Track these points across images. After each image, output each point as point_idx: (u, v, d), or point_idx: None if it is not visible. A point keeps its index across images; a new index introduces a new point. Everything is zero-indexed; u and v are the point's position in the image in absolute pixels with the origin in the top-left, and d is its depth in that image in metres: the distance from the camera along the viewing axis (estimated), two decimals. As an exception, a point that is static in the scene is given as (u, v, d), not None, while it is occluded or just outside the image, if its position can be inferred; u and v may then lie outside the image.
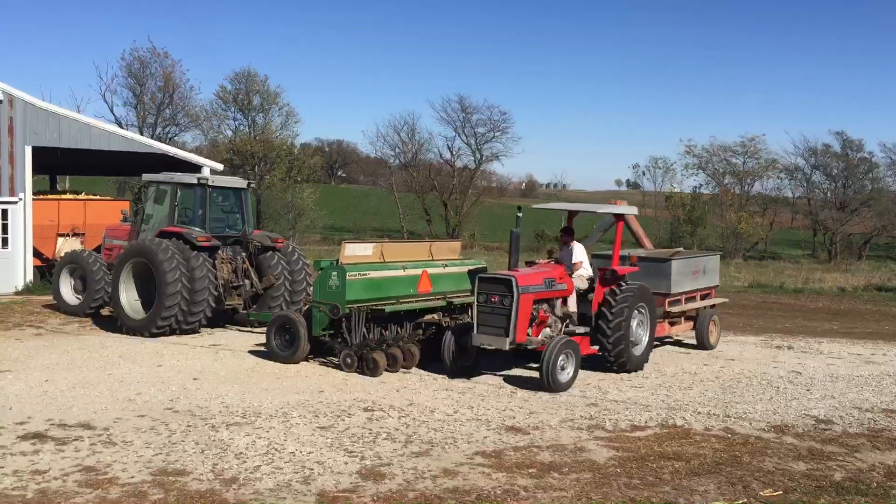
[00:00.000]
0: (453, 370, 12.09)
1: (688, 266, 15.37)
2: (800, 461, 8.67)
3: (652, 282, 14.07)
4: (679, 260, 15.16)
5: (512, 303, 11.38)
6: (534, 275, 11.97)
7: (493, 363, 12.87)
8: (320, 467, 7.96)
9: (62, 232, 22.56)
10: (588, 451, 8.80)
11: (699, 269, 15.77)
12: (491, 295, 11.58)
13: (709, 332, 15.56)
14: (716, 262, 16.89)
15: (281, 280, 16.65)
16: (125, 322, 15.45)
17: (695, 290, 15.65)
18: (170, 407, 10.14)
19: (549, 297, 12.20)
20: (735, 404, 11.21)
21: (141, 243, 15.60)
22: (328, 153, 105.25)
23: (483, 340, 11.62)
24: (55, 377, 11.62)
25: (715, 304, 16.41)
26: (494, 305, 11.52)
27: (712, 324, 15.70)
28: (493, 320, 11.55)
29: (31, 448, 8.32)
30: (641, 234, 19.14)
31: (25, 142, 21.11)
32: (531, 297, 11.64)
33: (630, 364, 12.78)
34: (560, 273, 12.44)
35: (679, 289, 14.93)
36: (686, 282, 15.21)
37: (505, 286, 11.50)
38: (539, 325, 11.98)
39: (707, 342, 15.52)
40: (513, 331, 11.38)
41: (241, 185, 17.24)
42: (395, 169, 67.21)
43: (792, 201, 69.45)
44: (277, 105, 56.20)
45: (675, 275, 14.71)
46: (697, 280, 15.69)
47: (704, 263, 16.11)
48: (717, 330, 15.93)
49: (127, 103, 53.54)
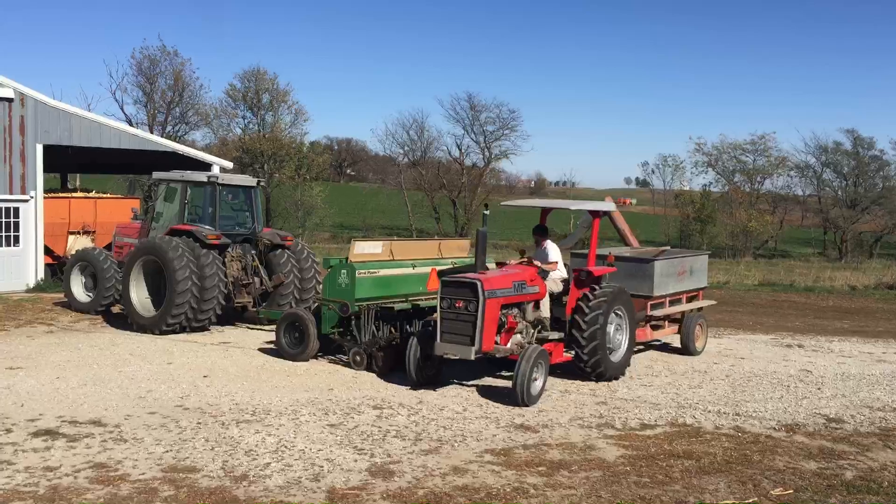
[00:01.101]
0: (418, 380, 11.23)
1: (672, 266, 14.46)
2: (810, 460, 8.64)
3: (633, 283, 13.40)
4: (663, 260, 14.23)
5: (477, 308, 10.44)
6: (502, 277, 11.05)
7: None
8: (330, 464, 7.97)
9: (73, 230, 22.66)
10: (598, 449, 8.79)
11: (685, 270, 14.86)
12: (455, 300, 10.64)
13: (694, 337, 14.69)
14: (703, 262, 15.97)
15: (290, 278, 16.68)
16: (135, 319, 15.50)
17: (680, 291, 14.74)
18: (180, 404, 10.18)
19: (520, 301, 11.25)
20: (745, 403, 11.18)
21: (151, 241, 15.65)
22: (337, 151, 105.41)
23: (446, 349, 10.63)
24: (66, 374, 11.68)
25: (702, 308, 15.53)
26: (459, 311, 10.58)
27: (698, 328, 14.83)
28: (457, 327, 10.60)
29: (43, 445, 8.37)
30: (627, 231, 18.11)
31: (37, 140, 21.20)
32: (499, 301, 10.71)
33: (607, 372, 11.94)
34: (531, 275, 11.52)
35: (662, 291, 14.05)
36: (671, 283, 14.33)
37: (470, 290, 10.55)
38: (508, 332, 11.02)
39: (692, 347, 14.64)
40: (479, 339, 10.43)
41: (250, 183, 17.28)
42: (404, 167, 67.17)
43: (802, 199, 69.18)
44: (287, 103, 56.37)
45: (659, 276, 13.84)
46: (683, 281, 14.78)
47: (691, 264, 15.18)
48: (703, 334, 15.07)
49: (137, 101, 53.85)
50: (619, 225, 17.89)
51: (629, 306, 12.41)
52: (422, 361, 11.19)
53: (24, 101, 20.95)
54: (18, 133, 20.88)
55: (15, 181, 20.87)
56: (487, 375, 12.21)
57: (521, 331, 11.29)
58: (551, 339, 11.72)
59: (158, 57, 52.42)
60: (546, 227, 12.68)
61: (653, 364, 13.74)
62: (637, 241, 18.39)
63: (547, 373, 10.91)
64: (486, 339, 10.53)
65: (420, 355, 11.15)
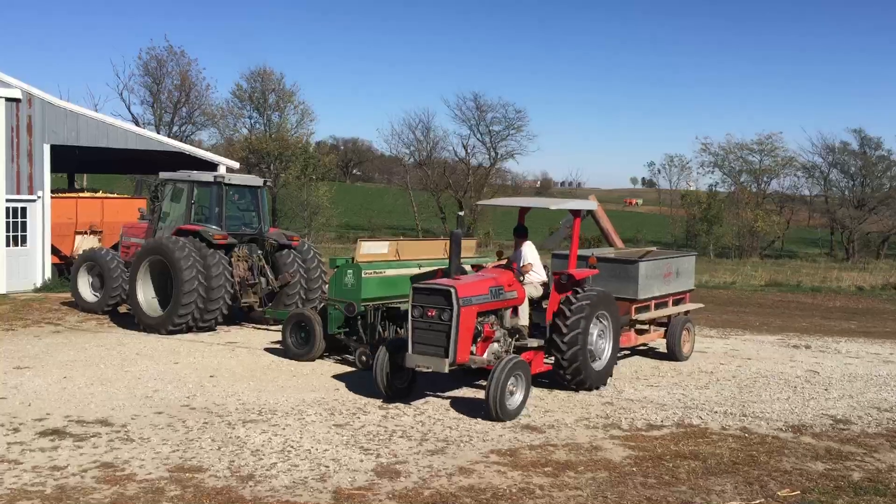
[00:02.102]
0: (388, 393, 10.51)
1: (658, 268, 13.81)
2: (818, 461, 8.62)
3: (617, 286, 12.92)
4: (648, 261, 13.63)
5: (451, 317, 9.74)
6: (477, 283, 10.35)
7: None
8: (336, 465, 7.98)
9: (80, 230, 22.73)
10: (604, 450, 8.78)
11: (671, 272, 14.18)
12: (427, 308, 9.92)
13: (681, 342, 14.05)
14: (691, 263, 15.22)
15: (296, 278, 16.70)
16: (142, 319, 15.54)
17: (666, 294, 14.12)
18: (186, 404, 10.20)
19: (497, 307, 10.55)
20: (752, 404, 11.15)
21: (158, 241, 15.69)
22: (343, 151, 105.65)
23: (418, 361, 9.96)
24: (73, 374, 11.72)
25: (689, 311, 14.93)
26: (431, 320, 9.88)
27: (685, 332, 14.19)
28: (430, 337, 9.90)
29: (50, 444, 8.39)
30: (611, 230, 17.39)
31: (44, 140, 21.28)
32: (474, 309, 10.00)
33: (589, 381, 11.29)
34: (509, 280, 10.82)
35: (648, 293, 13.48)
36: (656, 285, 13.71)
37: (443, 298, 9.83)
38: (485, 342, 10.35)
39: (678, 352, 14.00)
40: (453, 349, 9.72)
41: (257, 184, 17.31)
42: (410, 167, 67.27)
43: (809, 199, 69.14)
44: (293, 103, 56.53)
45: (644, 278, 13.23)
46: (669, 283, 14.14)
47: (677, 265, 14.48)
48: (690, 339, 14.42)
49: (144, 102, 54.11)
50: (603, 224, 17.31)
51: (613, 311, 11.78)
52: (392, 373, 10.47)
53: (31, 101, 21.03)
54: (26, 133, 20.96)
55: (22, 181, 20.95)
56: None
57: (499, 339, 10.62)
58: (530, 348, 11.05)
59: (165, 57, 52.72)
60: (525, 227, 11.89)
61: (659, 365, 13.72)
62: (621, 242, 17.79)
63: (528, 385, 10.11)
64: (461, 349, 9.82)
65: (389, 367, 10.41)
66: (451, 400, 10.76)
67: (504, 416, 9.67)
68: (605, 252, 15.14)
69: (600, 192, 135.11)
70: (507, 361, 9.78)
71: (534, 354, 11.09)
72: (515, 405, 9.91)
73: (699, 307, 15.87)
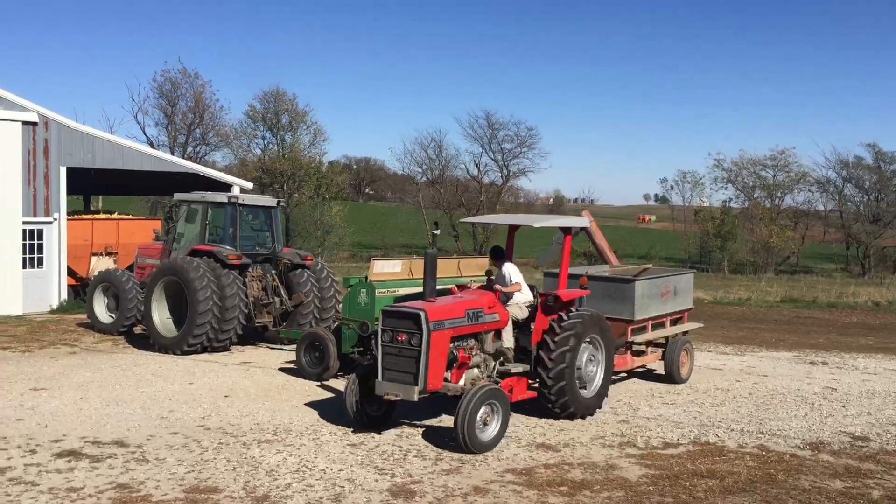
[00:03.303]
0: (358, 421, 9.97)
1: (655, 287, 13.32)
2: (836, 479, 8.53)
3: (612, 306, 12.40)
4: (644, 280, 13.14)
5: (421, 342, 9.25)
6: (452, 306, 9.86)
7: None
8: (351, 485, 7.97)
9: (96, 251, 22.90)
10: (620, 468, 8.72)
11: (669, 290, 13.63)
12: (397, 332, 9.45)
13: (679, 364, 13.44)
14: (689, 281, 14.61)
15: (310, 297, 16.74)
16: (157, 340, 15.61)
17: (663, 314, 13.61)
18: (201, 424, 10.22)
19: (475, 331, 10.06)
20: (769, 421, 11.06)
21: (172, 262, 15.78)
22: (356, 170, 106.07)
23: (388, 389, 9.41)
24: (89, 395, 11.77)
25: (688, 331, 14.35)
26: (401, 346, 9.39)
27: (684, 353, 13.57)
28: (399, 363, 9.42)
29: (66, 465, 8.42)
30: (606, 247, 16.80)
31: (60, 163, 21.49)
32: (447, 333, 9.49)
33: (577, 410, 10.62)
34: (490, 301, 10.29)
35: (644, 314, 12.92)
36: (653, 305, 13.17)
37: (412, 322, 9.35)
38: (460, 367, 9.85)
39: (677, 375, 13.40)
40: (423, 377, 9.23)
41: (270, 204, 17.41)
42: (423, 185, 67.49)
43: (824, 214, 68.76)
44: (306, 123, 56.96)
45: (640, 297, 12.69)
46: (667, 303, 13.61)
47: (675, 283, 13.92)
48: (689, 361, 13.80)
49: (158, 124, 54.58)
50: (597, 241, 16.82)
51: (605, 334, 11.13)
52: (364, 401, 9.90)
53: (47, 124, 21.27)
54: (42, 156, 21.18)
55: (39, 203, 21.14)
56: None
57: (479, 364, 10.17)
58: (514, 373, 10.45)
59: (179, 79, 53.23)
60: (502, 248, 11.40)
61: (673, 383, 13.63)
62: (616, 259, 17.29)
63: (505, 415, 9.43)
64: (433, 376, 9.32)
65: (360, 394, 9.86)
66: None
67: (475, 448, 9.01)
68: (600, 270, 14.71)
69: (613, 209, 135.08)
70: (479, 389, 9.18)
71: (517, 380, 10.47)
72: (489, 437, 9.23)
73: (698, 327, 15.25)
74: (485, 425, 9.17)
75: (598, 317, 11.05)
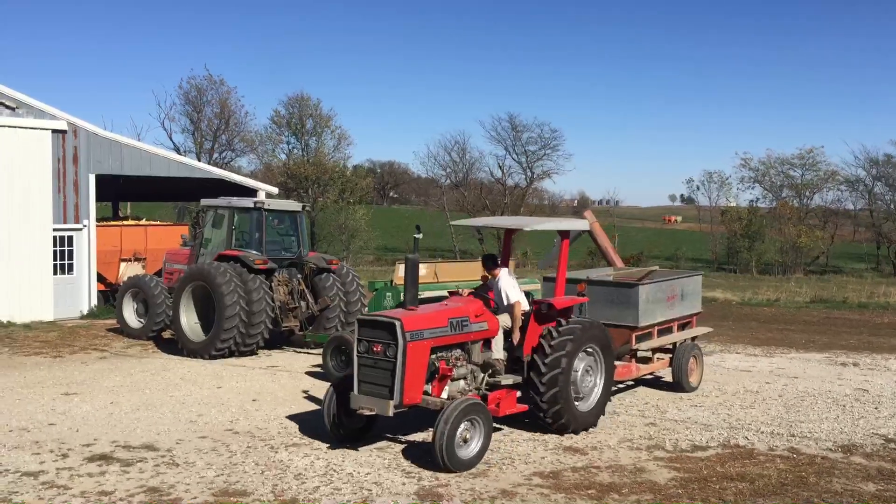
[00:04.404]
0: (336, 435, 9.51)
1: (660, 291, 12.67)
2: (869, 482, 8.41)
3: (615, 312, 11.89)
4: (648, 284, 12.51)
5: (396, 353, 8.78)
6: (433, 315, 9.32)
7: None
8: (378, 488, 7.98)
9: (124, 257, 23.16)
10: (648, 471, 8.66)
11: (675, 294, 13.01)
12: (373, 343, 8.99)
13: (688, 371, 12.83)
14: (697, 283, 13.95)
15: (336, 301, 16.81)
16: (185, 344, 15.76)
17: (670, 319, 12.99)
18: (230, 428, 10.30)
19: (460, 341, 9.53)
20: (800, 423, 10.93)
21: (200, 267, 15.92)
22: (380, 174, 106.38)
23: (362, 402, 8.98)
24: (119, 399, 11.91)
25: (696, 336, 13.79)
26: (377, 357, 8.93)
27: (693, 360, 12.97)
28: (374, 375, 8.97)
29: (98, 469, 8.53)
30: (610, 249, 16.10)
31: (89, 170, 21.78)
32: (427, 344, 9.00)
33: (573, 424, 10.00)
34: (477, 309, 9.75)
35: (649, 320, 12.29)
36: (658, 310, 12.54)
37: (387, 332, 8.89)
38: (442, 380, 9.30)
39: (685, 383, 12.80)
40: (399, 390, 8.75)
41: (295, 208, 17.51)
42: (447, 189, 67.55)
43: (853, 213, 67.89)
44: (330, 128, 57.19)
45: (644, 303, 12.04)
46: (674, 307, 12.97)
47: (682, 286, 13.28)
48: (698, 368, 13.19)
49: (185, 130, 55.27)
50: (601, 242, 16.25)
51: (604, 342, 10.51)
52: (342, 414, 9.42)
53: (77, 132, 21.56)
54: (72, 164, 21.47)
55: (69, 210, 21.44)
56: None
57: (465, 376, 9.64)
58: (505, 385, 9.87)
59: (205, 86, 53.84)
60: (494, 255, 10.85)
61: (703, 384, 13.50)
62: (621, 261, 16.66)
63: (487, 431, 8.89)
64: (410, 389, 8.85)
65: (337, 408, 9.39)
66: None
67: (454, 466, 8.47)
68: (603, 274, 14.20)
69: (638, 210, 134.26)
70: (460, 403, 8.64)
71: (506, 393, 9.84)
72: (470, 454, 8.68)
73: (708, 331, 14.65)
74: (465, 442, 8.65)
75: (595, 325, 10.47)
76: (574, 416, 10.02)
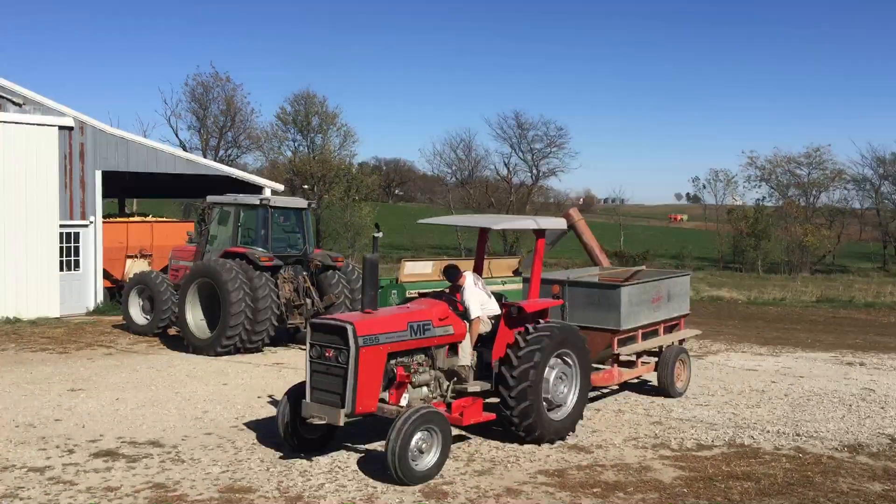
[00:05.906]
0: (291, 445, 8.97)
1: (644, 292, 12.08)
2: (875, 482, 8.39)
3: (597, 314, 11.40)
4: (631, 286, 11.94)
5: (348, 359, 8.29)
6: (391, 318, 8.84)
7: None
8: (383, 485, 7.99)
9: (131, 254, 23.22)
10: (653, 470, 8.65)
11: (661, 296, 12.44)
12: (325, 348, 8.51)
13: (674, 376, 12.28)
14: (684, 284, 13.34)
15: (341, 298, 16.80)
16: (191, 341, 15.78)
17: (655, 322, 12.39)
18: (235, 425, 10.32)
19: (422, 346, 9.01)
20: (805, 423, 10.90)
21: (206, 264, 15.95)
22: (385, 172, 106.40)
23: (313, 411, 8.49)
24: (125, 396, 11.93)
25: (684, 339, 13.29)
26: (329, 363, 8.45)
27: (679, 364, 12.43)
28: (326, 382, 8.48)
29: (104, 465, 8.55)
30: (596, 248, 15.61)
31: (96, 166, 21.83)
32: (382, 349, 8.49)
33: (546, 434, 9.44)
34: (441, 312, 9.20)
35: (633, 323, 11.72)
36: (643, 313, 11.97)
37: (340, 336, 8.40)
38: (399, 387, 8.84)
39: (672, 388, 12.25)
40: (350, 398, 8.24)
41: (301, 206, 17.52)
42: (452, 186, 67.54)
43: (860, 213, 67.68)
44: (336, 125, 57.14)
45: (627, 304, 11.47)
46: (659, 309, 12.39)
47: (668, 287, 12.71)
48: (685, 372, 12.63)
49: (191, 127, 55.36)
50: (586, 240, 15.71)
51: (579, 347, 9.94)
52: (296, 423, 8.86)
53: (83, 129, 21.61)
54: (78, 160, 21.52)
55: (75, 207, 21.49)
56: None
57: (428, 383, 9.15)
58: (471, 392, 9.33)
59: (211, 83, 53.90)
60: (455, 266, 9.87)
61: (708, 383, 13.49)
62: (607, 260, 16.27)
63: (446, 442, 8.37)
64: (363, 397, 8.33)
65: (292, 416, 8.83)
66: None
67: (407, 478, 7.96)
68: (585, 275, 13.63)
69: (644, 208, 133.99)
70: (415, 412, 8.13)
71: (472, 401, 9.27)
72: (426, 466, 8.17)
73: (695, 334, 14.10)
74: (420, 453, 8.14)
75: (569, 329, 9.92)
76: (546, 426, 9.47)
